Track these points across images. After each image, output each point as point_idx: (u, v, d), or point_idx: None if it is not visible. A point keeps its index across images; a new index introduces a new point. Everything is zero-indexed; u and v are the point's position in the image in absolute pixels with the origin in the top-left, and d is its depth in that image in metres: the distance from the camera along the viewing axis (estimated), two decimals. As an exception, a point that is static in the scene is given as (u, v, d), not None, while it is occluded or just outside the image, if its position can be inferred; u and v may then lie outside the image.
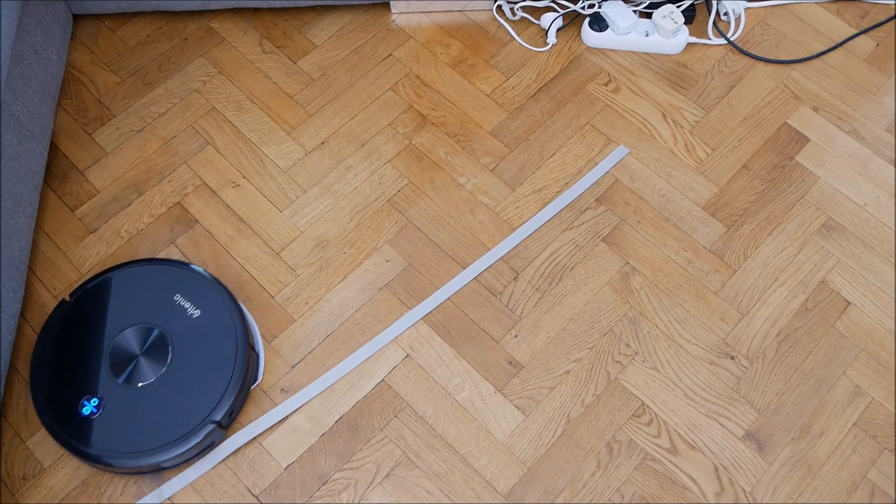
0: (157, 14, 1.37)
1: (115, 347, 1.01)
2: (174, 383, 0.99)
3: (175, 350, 1.01)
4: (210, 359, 1.01)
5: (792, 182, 1.23)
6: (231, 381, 0.99)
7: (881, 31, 1.37)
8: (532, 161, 1.24)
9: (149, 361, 1.00)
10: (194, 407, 0.98)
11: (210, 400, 0.98)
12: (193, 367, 1.00)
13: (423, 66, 1.32)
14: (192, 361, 1.01)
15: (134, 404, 0.98)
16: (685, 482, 1.02)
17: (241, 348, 1.01)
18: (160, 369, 1.00)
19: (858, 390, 1.08)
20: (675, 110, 1.29)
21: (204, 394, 0.99)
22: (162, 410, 0.98)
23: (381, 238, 1.17)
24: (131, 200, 1.20)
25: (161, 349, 1.01)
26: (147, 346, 1.01)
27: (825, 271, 1.16)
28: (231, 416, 1.01)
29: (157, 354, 1.01)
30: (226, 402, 0.98)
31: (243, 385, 1.01)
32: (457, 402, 1.06)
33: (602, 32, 1.32)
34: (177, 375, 1.00)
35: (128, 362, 1.00)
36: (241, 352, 1.01)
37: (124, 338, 1.02)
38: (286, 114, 1.27)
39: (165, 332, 1.02)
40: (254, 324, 1.09)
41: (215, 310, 1.04)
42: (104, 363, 1.00)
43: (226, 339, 1.02)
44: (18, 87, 1.10)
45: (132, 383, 0.99)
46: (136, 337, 1.02)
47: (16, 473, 1.01)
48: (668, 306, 1.13)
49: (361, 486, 1.01)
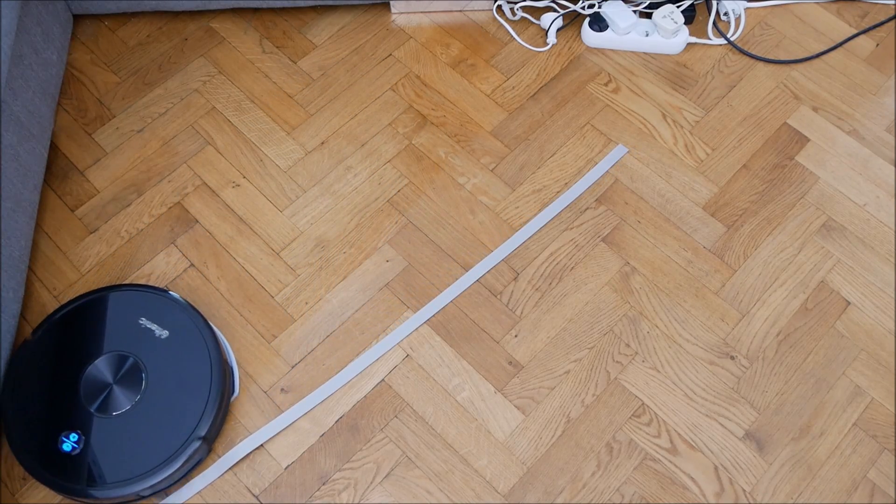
0: (157, 14, 1.37)
1: (87, 379, 0.98)
2: (152, 407, 0.97)
3: (148, 374, 0.99)
4: (185, 377, 0.99)
5: (792, 182, 1.23)
6: (210, 396, 0.98)
7: (881, 31, 1.37)
8: (532, 161, 1.24)
9: (123, 389, 0.98)
10: (177, 427, 0.96)
11: (191, 418, 0.97)
12: (169, 387, 0.98)
13: (423, 66, 1.32)
14: (167, 382, 0.99)
15: (115, 433, 0.96)
16: (685, 482, 1.02)
17: (215, 363, 1.00)
18: (135, 395, 0.98)
19: (858, 390, 1.08)
20: (675, 110, 1.29)
21: (184, 412, 0.97)
22: (145, 434, 0.96)
23: (381, 238, 1.17)
24: (131, 200, 1.20)
25: (134, 375, 0.99)
26: (120, 374, 0.99)
27: (825, 271, 1.16)
28: (216, 431, 1.00)
29: (130, 381, 0.99)
30: (207, 417, 0.97)
31: (222, 400, 1.00)
32: (457, 402, 1.06)
33: (602, 32, 1.32)
34: (154, 399, 0.98)
35: (102, 391, 0.98)
36: (216, 366, 1.00)
37: (96, 368, 0.99)
38: (286, 114, 1.27)
39: (136, 358, 1.00)
40: (224, 339, 1.08)
41: (184, 329, 1.02)
42: (79, 395, 0.98)
43: (198, 356, 1.00)
44: (18, 87, 1.10)
45: (109, 412, 0.97)
46: (107, 366, 1.00)
47: (16, 473, 1.01)
48: (668, 306, 1.13)
49: (361, 486, 1.01)
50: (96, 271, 1.14)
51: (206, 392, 0.98)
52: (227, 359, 1.05)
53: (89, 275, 1.14)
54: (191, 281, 1.13)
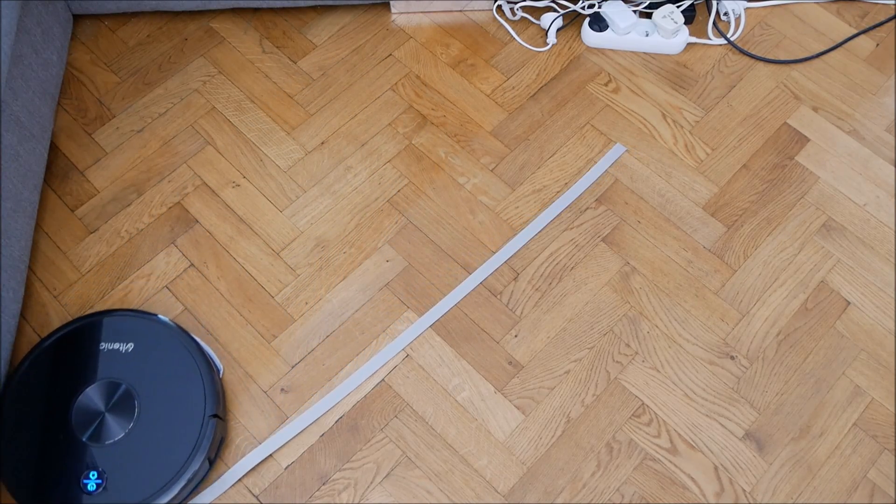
0: (157, 14, 1.37)
1: (77, 412, 0.97)
2: (148, 430, 0.97)
3: (139, 396, 0.98)
4: (175, 393, 0.99)
5: (792, 182, 1.23)
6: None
7: (881, 31, 1.37)
8: (532, 161, 1.24)
9: (115, 416, 0.97)
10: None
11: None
12: (161, 406, 0.98)
13: (423, 66, 1.32)
14: (158, 400, 0.98)
15: (124, 458, 0.95)
16: (685, 482, 1.02)
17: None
18: (130, 419, 0.97)
19: (858, 390, 1.08)
20: (675, 110, 1.29)
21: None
22: (150, 455, 0.95)
23: (381, 238, 1.17)
24: (131, 200, 1.20)
25: (125, 400, 0.98)
26: (112, 402, 0.98)
27: (825, 271, 1.16)
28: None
29: (122, 407, 0.98)
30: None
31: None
32: (457, 402, 1.06)
33: (602, 32, 1.32)
34: (148, 420, 0.98)
35: (94, 420, 0.97)
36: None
37: (85, 400, 0.98)
38: (286, 114, 1.27)
39: (119, 382, 0.99)
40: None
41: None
42: (77, 431, 0.96)
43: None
44: (18, 87, 1.10)
45: (110, 439, 0.96)
46: (95, 397, 0.98)
47: (16, 473, 1.01)
48: (668, 306, 1.13)
49: (361, 486, 1.01)
50: (96, 271, 1.14)
51: (202, 410, 0.98)
52: (215, 367, 1.04)
53: (89, 275, 1.14)
54: (191, 281, 1.13)
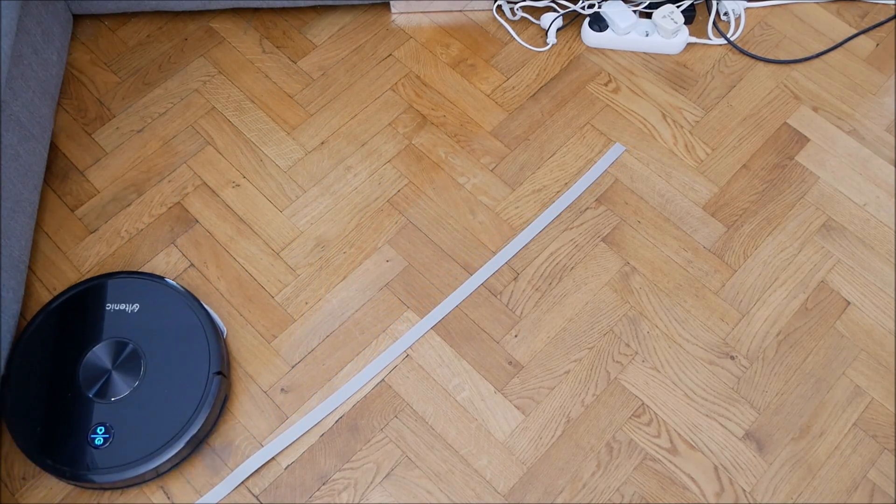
0: (157, 14, 1.37)
1: (85, 369, 1.00)
2: (154, 388, 1.00)
3: (145, 355, 1.01)
4: (180, 351, 1.02)
5: (792, 182, 1.23)
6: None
7: (881, 31, 1.37)
8: (532, 161, 1.24)
9: (121, 374, 1.00)
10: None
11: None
12: (167, 364, 1.01)
13: (423, 66, 1.32)
14: (164, 359, 1.01)
15: (130, 413, 0.98)
16: (685, 482, 1.02)
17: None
18: (136, 377, 1.00)
19: (858, 390, 1.08)
20: (675, 110, 1.29)
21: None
22: (156, 411, 0.98)
23: (381, 238, 1.17)
24: (131, 200, 1.20)
25: (131, 359, 1.01)
26: (119, 360, 1.01)
27: (825, 271, 1.16)
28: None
29: (129, 365, 1.01)
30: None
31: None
32: (457, 402, 1.06)
33: (602, 32, 1.32)
34: (154, 378, 1.00)
35: (101, 377, 1.00)
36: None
37: (92, 359, 1.01)
38: (286, 114, 1.27)
39: (126, 341, 1.02)
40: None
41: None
42: (84, 387, 0.99)
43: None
44: (18, 87, 1.10)
45: (116, 395, 0.99)
46: (101, 357, 1.01)
47: (16, 473, 1.01)
48: (668, 306, 1.13)
49: (361, 486, 1.01)
50: (96, 271, 1.14)
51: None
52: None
53: (89, 275, 1.14)
54: (191, 281, 1.13)
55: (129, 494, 1.00)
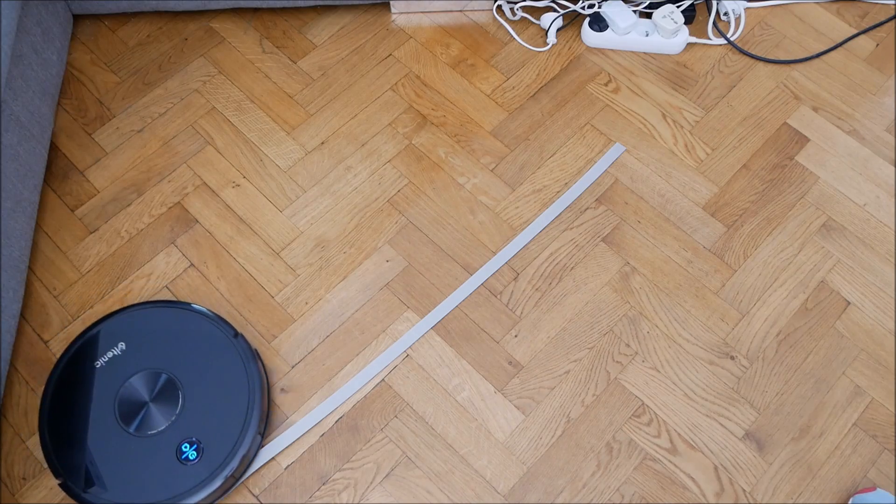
0: (157, 14, 1.37)
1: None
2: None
3: (184, 389, 1.00)
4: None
5: (792, 182, 1.23)
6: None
7: (881, 31, 1.37)
8: (532, 161, 1.24)
9: (159, 406, 0.99)
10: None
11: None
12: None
13: (423, 66, 1.32)
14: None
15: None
16: (685, 482, 1.02)
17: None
18: (173, 412, 0.99)
19: (858, 390, 1.08)
20: (675, 110, 1.29)
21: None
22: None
23: (381, 238, 1.17)
24: (131, 200, 1.20)
25: (169, 389, 1.00)
26: (156, 392, 1.00)
27: (825, 271, 1.16)
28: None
29: (167, 397, 1.00)
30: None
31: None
32: (457, 402, 1.06)
33: (602, 32, 1.32)
34: (193, 412, 0.99)
35: (140, 409, 0.99)
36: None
37: (129, 389, 1.00)
38: (286, 114, 1.27)
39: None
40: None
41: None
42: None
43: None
44: (18, 87, 1.10)
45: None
46: (141, 386, 1.00)
47: (16, 473, 1.01)
48: (668, 306, 1.13)
49: (361, 486, 1.01)
50: (96, 271, 1.14)
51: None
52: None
53: (89, 275, 1.14)
54: (191, 281, 1.13)
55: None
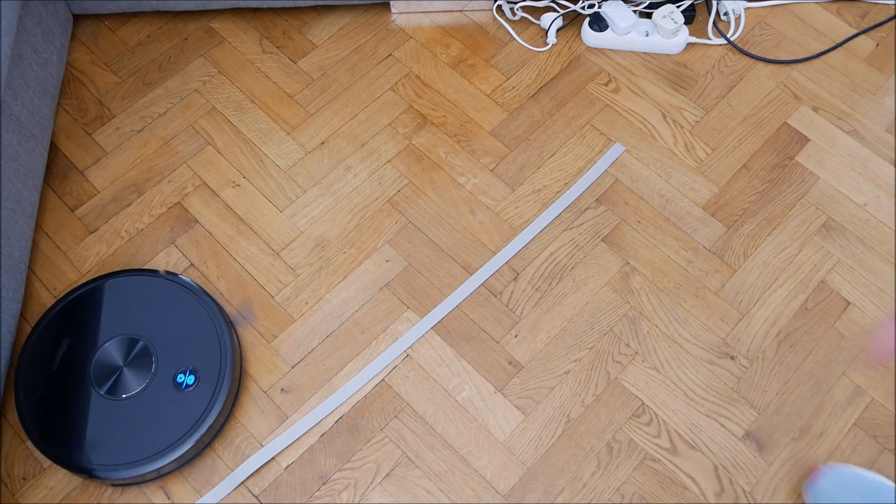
0: (157, 14, 1.37)
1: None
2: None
3: (157, 355, 1.02)
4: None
5: (792, 182, 1.23)
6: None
7: (881, 31, 1.37)
8: (532, 161, 1.24)
9: (132, 370, 1.01)
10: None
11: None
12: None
13: (423, 66, 1.32)
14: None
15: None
16: (685, 482, 1.02)
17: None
18: (146, 377, 1.01)
19: (858, 390, 1.08)
20: (675, 110, 1.29)
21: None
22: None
23: (381, 238, 1.17)
24: (131, 200, 1.20)
25: (142, 353, 1.02)
26: (131, 356, 1.02)
27: (825, 271, 1.16)
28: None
29: (140, 361, 1.02)
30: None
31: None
32: (457, 402, 1.06)
33: (602, 32, 1.32)
34: (163, 378, 1.01)
35: (112, 374, 1.01)
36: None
37: (105, 352, 1.02)
38: (286, 114, 1.27)
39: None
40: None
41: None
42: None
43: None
44: (18, 87, 1.10)
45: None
46: (116, 350, 1.02)
47: (16, 473, 1.01)
48: (668, 306, 1.13)
49: (361, 486, 1.01)
50: (96, 271, 1.14)
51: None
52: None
53: (89, 275, 1.14)
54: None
55: (129, 494, 1.00)
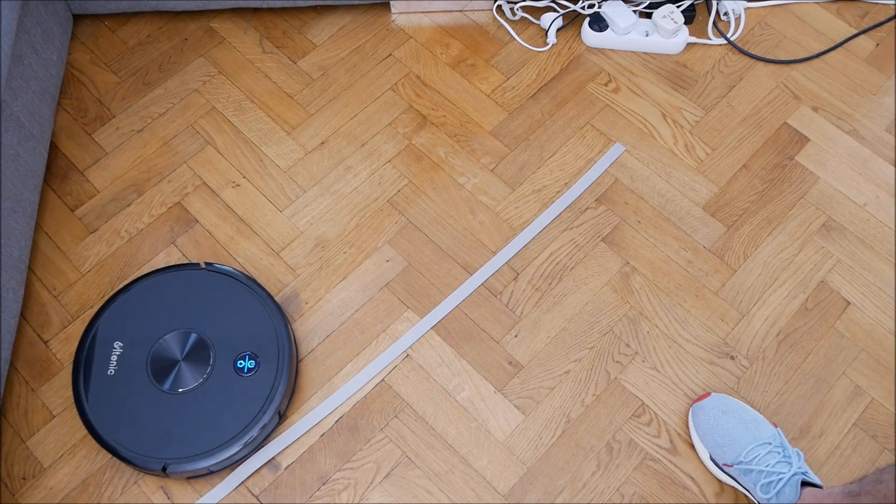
0: (157, 14, 1.37)
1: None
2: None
3: (216, 350, 1.03)
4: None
5: (792, 182, 1.23)
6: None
7: (881, 31, 1.37)
8: (532, 161, 1.24)
9: (190, 364, 1.02)
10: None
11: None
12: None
13: (423, 66, 1.32)
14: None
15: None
16: (685, 482, 1.02)
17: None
18: (203, 372, 1.02)
19: (858, 390, 1.08)
20: (675, 110, 1.29)
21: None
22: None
23: (381, 238, 1.17)
24: (131, 200, 1.20)
25: (199, 346, 1.03)
26: (189, 351, 1.03)
27: (825, 271, 1.16)
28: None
29: (198, 354, 1.03)
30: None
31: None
32: (457, 402, 1.06)
33: (602, 32, 1.32)
34: (222, 374, 1.02)
35: (172, 368, 1.02)
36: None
37: (165, 343, 1.03)
38: (286, 114, 1.27)
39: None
40: None
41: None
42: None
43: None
44: (18, 87, 1.10)
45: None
46: (176, 342, 1.03)
47: (16, 473, 1.01)
48: (668, 306, 1.13)
49: (361, 486, 1.01)
50: (96, 271, 1.14)
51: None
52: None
53: (89, 275, 1.14)
54: (191, 281, 1.13)
55: (129, 494, 1.00)
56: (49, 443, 1.02)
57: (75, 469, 1.01)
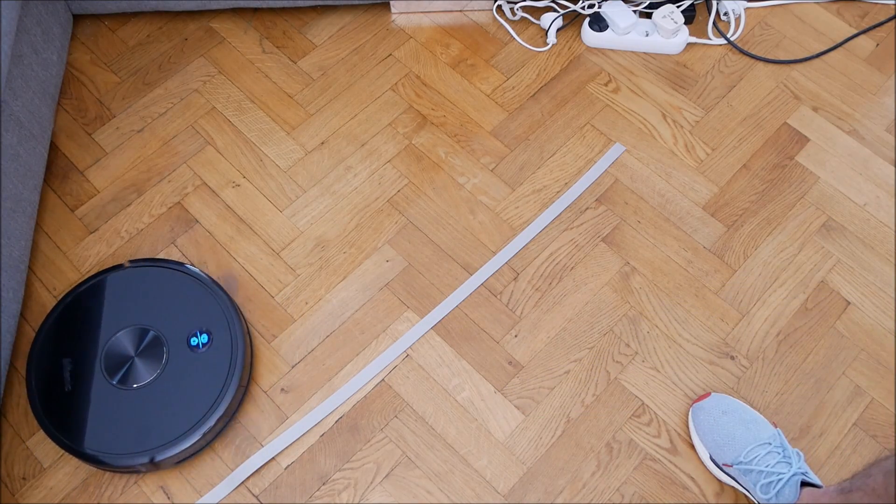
0: (157, 14, 1.37)
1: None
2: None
3: (169, 347, 1.02)
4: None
5: (792, 182, 1.23)
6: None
7: (881, 31, 1.37)
8: (532, 161, 1.24)
9: (144, 361, 1.02)
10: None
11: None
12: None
13: (423, 66, 1.32)
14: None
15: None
16: (685, 482, 1.02)
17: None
18: (156, 368, 1.01)
19: (858, 390, 1.08)
20: (675, 110, 1.29)
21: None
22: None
23: (381, 238, 1.17)
24: (131, 200, 1.20)
25: (154, 345, 1.03)
26: (142, 346, 1.02)
27: (825, 271, 1.16)
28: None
29: (152, 354, 1.02)
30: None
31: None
32: (457, 402, 1.06)
33: (602, 32, 1.32)
34: (175, 370, 1.01)
35: (124, 364, 1.01)
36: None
37: (118, 341, 1.02)
38: (286, 114, 1.27)
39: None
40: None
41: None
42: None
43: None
44: (18, 87, 1.10)
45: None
46: (129, 339, 1.03)
47: (16, 473, 1.01)
48: (668, 306, 1.13)
49: (361, 486, 1.01)
50: (96, 271, 1.14)
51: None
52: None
53: (89, 275, 1.14)
54: (191, 281, 1.13)
55: (129, 494, 1.00)
56: (49, 443, 1.02)
57: (75, 469, 1.01)
